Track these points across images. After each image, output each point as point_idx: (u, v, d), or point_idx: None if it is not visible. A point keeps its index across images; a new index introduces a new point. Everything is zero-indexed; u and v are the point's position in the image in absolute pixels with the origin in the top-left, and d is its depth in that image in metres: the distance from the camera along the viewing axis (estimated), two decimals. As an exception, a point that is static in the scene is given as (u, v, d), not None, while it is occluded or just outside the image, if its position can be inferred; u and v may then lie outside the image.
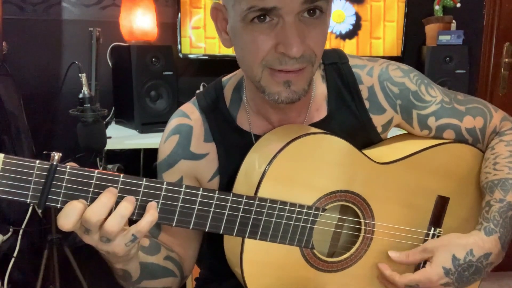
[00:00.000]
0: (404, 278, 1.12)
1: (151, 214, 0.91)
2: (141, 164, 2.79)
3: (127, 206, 0.89)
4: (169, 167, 1.21)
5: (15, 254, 2.48)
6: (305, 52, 0.99)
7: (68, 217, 0.85)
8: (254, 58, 1.02)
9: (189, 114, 1.23)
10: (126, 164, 2.58)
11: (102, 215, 0.87)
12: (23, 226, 2.51)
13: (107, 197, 0.87)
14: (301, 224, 1.07)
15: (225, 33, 1.09)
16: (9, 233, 2.46)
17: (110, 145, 2.31)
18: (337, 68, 1.23)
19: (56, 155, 0.85)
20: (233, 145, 1.20)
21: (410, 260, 1.15)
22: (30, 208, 2.51)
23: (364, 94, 1.22)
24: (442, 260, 1.09)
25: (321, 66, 1.23)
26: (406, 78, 1.22)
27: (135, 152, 2.76)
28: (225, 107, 1.22)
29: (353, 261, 1.16)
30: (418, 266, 1.19)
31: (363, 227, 1.15)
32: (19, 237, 2.50)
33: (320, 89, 1.22)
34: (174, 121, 1.24)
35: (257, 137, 1.19)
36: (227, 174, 1.19)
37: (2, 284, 2.45)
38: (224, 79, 1.26)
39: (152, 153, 2.59)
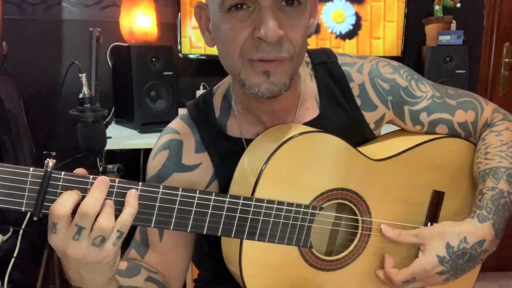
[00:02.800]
0: (400, 275, 1.12)
1: (131, 206, 0.88)
2: (141, 164, 2.79)
3: (111, 203, 0.87)
4: (160, 181, 1.19)
5: (15, 254, 2.48)
6: (283, 40, 0.99)
7: (64, 203, 0.83)
8: (233, 48, 1.02)
9: (178, 129, 1.22)
10: (126, 164, 2.57)
11: (97, 206, 0.85)
12: (23, 226, 2.51)
13: (99, 189, 0.85)
14: (298, 223, 1.07)
15: (208, 31, 1.11)
16: (9, 233, 2.46)
17: (110, 145, 2.31)
18: (326, 67, 1.23)
19: (51, 162, 0.83)
20: (226, 153, 1.19)
21: (400, 239, 1.14)
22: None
23: (355, 91, 1.22)
24: (436, 248, 1.10)
25: (309, 66, 1.24)
26: (396, 74, 1.23)
27: (135, 152, 2.76)
28: (214, 117, 1.22)
29: (352, 259, 1.16)
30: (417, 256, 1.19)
31: (360, 224, 1.15)
32: (19, 237, 2.50)
33: (310, 88, 1.22)
34: (163, 138, 1.23)
35: (248, 141, 1.18)
36: (225, 178, 1.18)
37: (2, 284, 2.45)
38: (215, 87, 1.27)
39: (152, 153, 2.59)
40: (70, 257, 0.86)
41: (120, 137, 2.49)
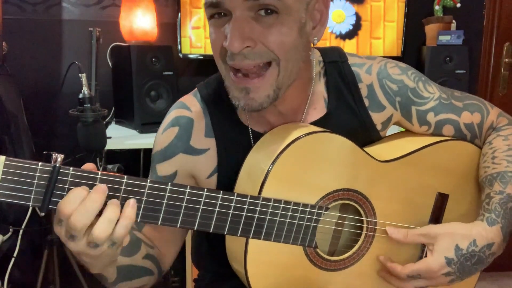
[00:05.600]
0: (406, 268, 1.12)
1: (127, 217, 0.87)
2: (141, 164, 2.78)
3: (114, 209, 0.86)
4: (165, 158, 1.19)
5: (15, 254, 2.48)
6: (256, 49, 1.00)
7: (72, 202, 0.83)
8: (214, 52, 1.06)
9: (190, 106, 1.21)
10: (126, 164, 2.58)
11: (87, 220, 0.83)
12: (23, 226, 2.51)
13: (91, 200, 0.84)
14: (304, 223, 1.07)
15: None
16: (9, 233, 2.46)
17: (110, 145, 2.30)
18: (337, 67, 1.23)
19: (59, 157, 0.83)
20: (233, 139, 1.19)
21: (408, 240, 1.14)
22: (30, 208, 2.51)
23: (364, 92, 1.23)
24: (445, 249, 1.10)
25: (321, 64, 1.24)
26: (404, 76, 1.23)
27: (135, 152, 2.76)
28: (226, 97, 1.19)
29: (356, 259, 1.16)
30: (421, 257, 1.19)
31: (365, 225, 1.15)
32: (19, 237, 2.50)
33: (319, 87, 1.22)
34: (173, 113, 1.22)
35: (255, 133, 1.19)
36: (226, 172, 1.18)
37: (2, 284, 2.45)
38: None
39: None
40: (70, 248, 0.88)
41: (120, 137, 2.48)
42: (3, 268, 2.46)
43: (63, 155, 0.84)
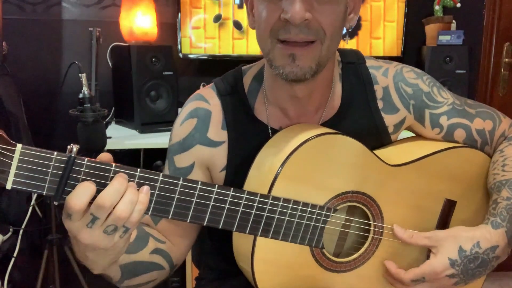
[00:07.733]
0: (410, 273, 1.12)
1: (141, 202, 0.88)
2: (141, 164, 2.78)
3: (134, 192, 0.87)
4: (183, 150, 1.20)
5: (15, 254, 2.48)
6: (311, 24, 1.02)
7: (80, 197, 0.83)
8: (264, 28, 1.06)
9: (208, 98, 1.22)
10: (126, 164, 2.57)
11: (115, 199, 0.85)
12: (23, 226, 2.51)
13: (119, 182, 0.86)
14: (312, 223, 1.08)
15: (252, 15, 1.14)
16: (9, 233, 2.45)
17: (110, 145, 2.30)
18: (354, 68, 1.24)
19: (74, 147, 0.84)
20: (247, 135, 1.19)
21: (413, 241, 1.15)
22: (30, 208, 2.51)
23: (379, 94, 1.24)
24: (448, 251, 1.10)
25: (340, 65, 1.25)
26: (419, 80, 1.25)
27: (135, 152, 2.75)
28: (243, 93, 1.21)
29: (361, 262, 1.16)
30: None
31: (372, 228, 1.15)
32: (19, 237, 2.50)
33: (338, 87, 1.23)
34: (191, 104, 1.22)
35: (274, 130, 1.19)
36: (235, 167, 1.19)
37: (2, 284, 2.44)
38: (244, 67, 1.27)
39: (152, 153, 2.57)
40: (80, 242, 0.87)
41: (120, 137, 2.48)
42: (3, 268, 2.46)
43: (78, 146, 0.84)
